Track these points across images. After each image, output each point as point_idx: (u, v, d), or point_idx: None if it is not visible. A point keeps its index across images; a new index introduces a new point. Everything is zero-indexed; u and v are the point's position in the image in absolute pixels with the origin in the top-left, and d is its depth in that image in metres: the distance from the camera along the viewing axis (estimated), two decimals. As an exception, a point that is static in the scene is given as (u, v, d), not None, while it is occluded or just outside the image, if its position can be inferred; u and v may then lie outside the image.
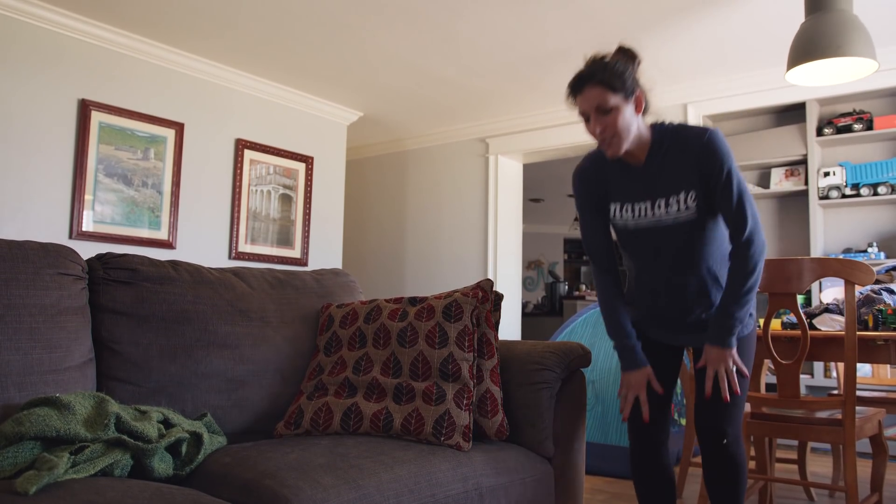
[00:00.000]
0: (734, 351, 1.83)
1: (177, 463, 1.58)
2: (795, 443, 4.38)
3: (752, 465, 3.24)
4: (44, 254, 1.78)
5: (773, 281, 2.51)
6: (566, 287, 9.66)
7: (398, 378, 1.90)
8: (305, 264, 5.12)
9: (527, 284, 10.78)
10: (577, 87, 1.76)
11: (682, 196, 1.79)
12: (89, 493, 1.23)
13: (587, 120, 1.77)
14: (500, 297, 2.07)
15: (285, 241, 4.97)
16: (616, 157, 1.80)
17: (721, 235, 1.88)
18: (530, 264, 10.93)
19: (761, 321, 2.63)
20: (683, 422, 3.85)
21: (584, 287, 9.87)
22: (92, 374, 1.79)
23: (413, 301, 2.03)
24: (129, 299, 1.89)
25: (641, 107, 1.79)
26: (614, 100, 1.72)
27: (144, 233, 4.21)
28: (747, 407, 2.69)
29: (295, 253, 5.00)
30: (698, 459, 3.31)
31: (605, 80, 1.72)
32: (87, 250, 3.49)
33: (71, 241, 3.88)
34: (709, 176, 1.76)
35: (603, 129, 1.74)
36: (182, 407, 1.86)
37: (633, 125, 1.77)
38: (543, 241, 10.89)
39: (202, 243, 4.50)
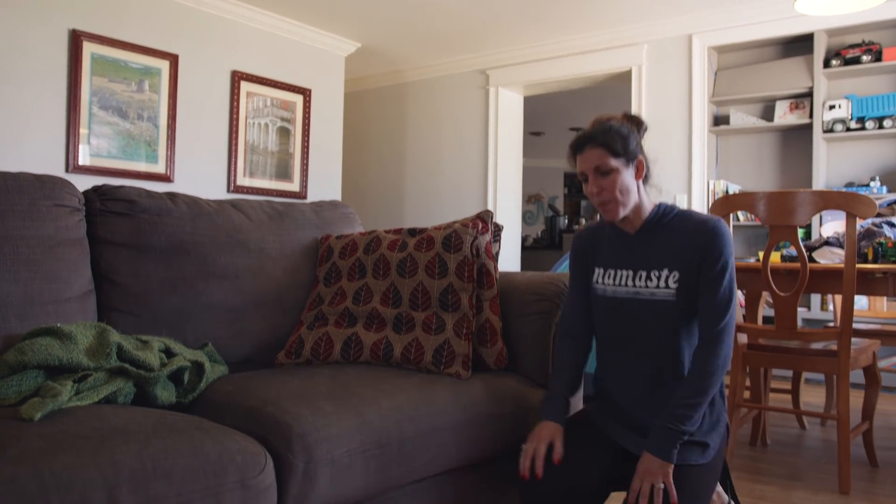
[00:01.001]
0: (671, 469, 1.53)
1: (179, 391, 1.60)
2: (790, 374, 4.45)
3: (746, 394, 3.29)
4: (39, 185, 1.76)
5: (774, 213, 2.50)
6: (566, 221, 9.66)
7: (398, 308, 1.91)
8: (304, 198, 5.10)
9: (526, 218, 10.78)
10: (579, 146, 1.70)
11: (664, 273, 1.65)
12: (94, 420, 1.24)
13: (585, 180, 1.69)
14: (499, 228, 2.06)
15: (284, 174, 4.94)
16: (613, 222, 1.72)
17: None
18: (530, 198, 10.90)
19: (761, 255, 2.63)
20: None
21: (583, 221, 9.87)
22: (92, 306, 1.80)
23: (412, 232, 2.02)
24: (127, 231, 1.88)
25: (642, 173, 1.71)
26: (614, 162, 1.65)
27: (142, 166, 4.18)
28: (743, 338, 2.72)
29: (294, 186, 4.97)
30: None
31: (606, 142, 1.66)
32: (84, 184, 3.46)
33: (68, 175, 3.85)
34: (702, 261, 1.62)
35: (600, 191, 1.66)
36: (183, 337, 1.87)
37: (633, 191, 1.68)
38: (543, 176, 10.84)
39: (200, 177, 4.47)
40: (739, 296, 3.02)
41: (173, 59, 4.31)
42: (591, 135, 1.68)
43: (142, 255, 1.87)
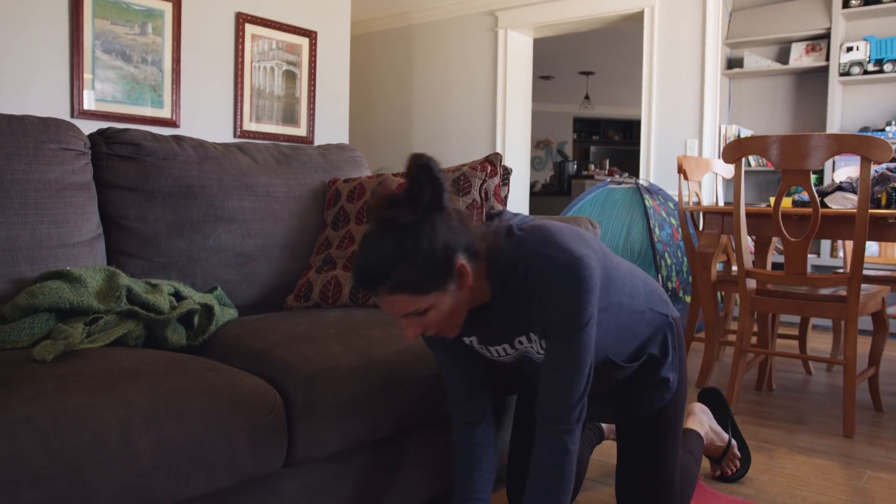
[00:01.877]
0: None
1: (189, 334, 1.61)
2: (797, 320, 4.45)
3: (753, 339, 3.31)
4: (44, 128, 1.75)
5: (787, 157, 2.47)
6: (575, 166, 9.59)
7: (406, 253, 1.91)
8: (311, 142, 5.06)
9: (535, 164, 10.71)
10: (367, 288, 1.21)
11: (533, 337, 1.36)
12: (105, 361, 1.26)
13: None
14: (508, 171, 2.04)
15: (290, 119, 4.89)
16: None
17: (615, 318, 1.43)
18: (539, 144, 10.81)
19: (772, 200, 2.61)
20: (688, 299, 3.90)
21: (592, 167, 9.80)
22: (101, 250, 1.80)
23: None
24: (134, 175, 1.87)
25: (468, 280, 1.24)
26: (427, 300, 1.21)
27: (147, 111, 4.14)
28: (752, 283, 2.71)
29: (300, 131, 4.93)
30: (702, 335, 3.38)
31: (402, 286, 1.18)
32: (90, 129, 3.44)
33: (73, 121, 3.81)
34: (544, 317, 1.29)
35: (424, 329, 1.26)
36: (192, 281, 1.88)
37: (463, 306, 1.28)
38: (552, 121, 10.72)
39: (206, 122, 4.43)
40: (749, 242, 3.00)
41: (176, 1, 4.23)
42: (377, 275, 1.18)
43: (149, 199, 1.87)
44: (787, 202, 2.98)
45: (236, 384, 1.29)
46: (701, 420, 1.97)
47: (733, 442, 2.01)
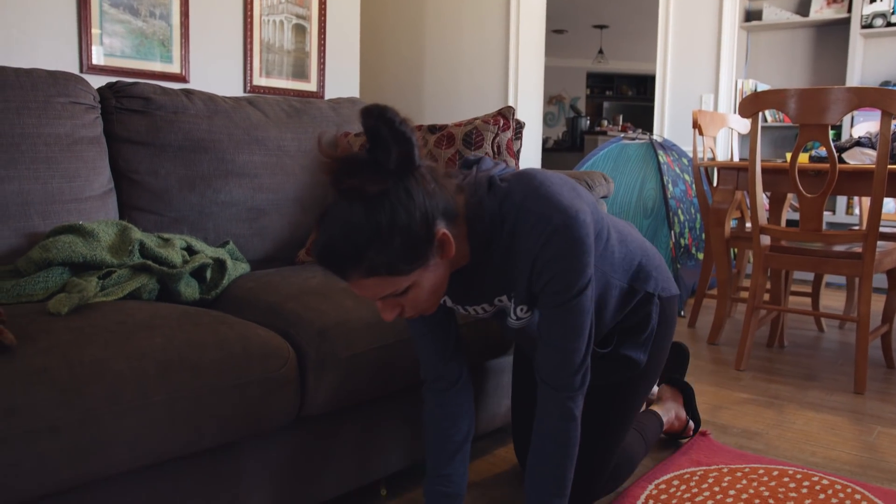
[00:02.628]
0: None
1: (202, 288, 1.62)
2: (811, 277, 4.43)
3: (766, 297, 3.30)
4: (53, 82, 1.73)
5: (806, 111, 2.42)
6: (587, 122, 9.48)
7: (417, 208, 1.90)
8: (322, 97, 5.00)
9: (547, 120, 10.60)
10: (336, 272, 1.07)
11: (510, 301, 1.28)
12: (119, 314, 1.26)
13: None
14: (521, 124, 2.01)
15: (300, 73, 4.84)
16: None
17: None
18: (551, 99, 10.68)
19: (788, 156, 2.57)
20: (701, 256, 3.88)
21: (605, 122, 9.68)
22: (113, 204, 1.80)
23: (433, 129, 1.98)
24: (144, 129, 1.86)
25: (450, 249, 1.10)
26: (407, 280, 1.08)
27: (156, 66, 4.10)
28: (766, 240, 2.69)
29: (311, 86, 4.88)
30: (714, 292, 3.36)
31: (378, 268, 1.04)
32: (99, 85, 3.43)
33: (82, 76, 3.79)
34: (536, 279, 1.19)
35: (402, 311, 1.15)
36: (204, 236, 1.88)
37: (444, 279, 1.15)
38: (565, 75, 10.56)
39: (216, 77, 4.39)
40: (763, 199, 2.97)
41: (184, -48, 4.15)
42: (339, 262, 1.04)
43: (160, 153, 1.86)
44: (803, 158, 2.94)
45: (249, 337, 1.29)
46: (668, 407, 1.88)
47: (690, 424, 1.95)
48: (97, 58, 3.88)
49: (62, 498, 1.10)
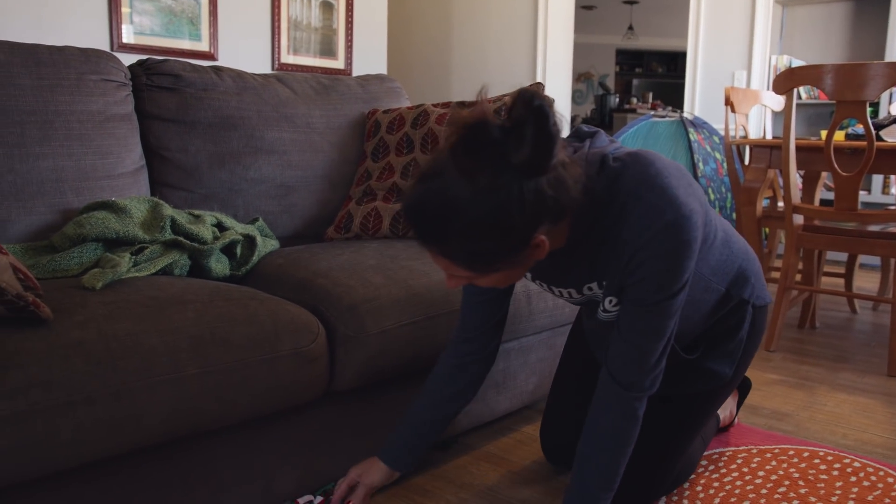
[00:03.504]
0: None
1: (232, 264, 1.63)
2: (844, 258, 4.35)
3: (798, 277, 3.25)
4: (84, 59, 1.75)
5: (843, 87, 2.36)
6: (616, 100, 9.35)
7: (446, 185, 1.89)
8: (349, 75, 4.99)
9: (575, 98, 10.47)
10: (412, 230, 1.03)
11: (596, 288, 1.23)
12: (152, 289, 1.28)
13: None
14: (550, 101, 1.99)
15: (328, 51, 4.84)
16: None
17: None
18: (579, 77, 10.54)
19: (823, 134, 2.51)
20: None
21: (635, 100, 9.55)
22: (145, 181, 1.82)
23: (462, 105, 1.97)
24: (174, 106, 1.87)
25: (541, 254, 1.04)
26: (479, 278, 1.06)
27: (185, 44, 4.12)
28: (799, 219, 2.64)
29: (338, 63, 4.87)
30: None
31: (457, 258, 1.01)
32: (129, 63, 3.45)
33: (113, 54, 3.82)
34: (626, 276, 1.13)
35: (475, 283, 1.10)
36: (234, 213, 1.89)
37: (527, 268, 1.11)
38: (594, 52, 10.41)
39: (244, 55, 4.41)
40: (797, 178, 2.91)
41: (212, -71, 4.15)
42: (422, 228, 1.00)
43: (190, 130, 1.87)
44: (839, 135, 2.88)
45: (279, 312, 1.30)
46: (726, 405, 1.81)
47: (735, 421, 1.88)
48: (127, 36, 3.91)
49: (97, 468, 1.13)
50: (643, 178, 1.07)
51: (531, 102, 0.92)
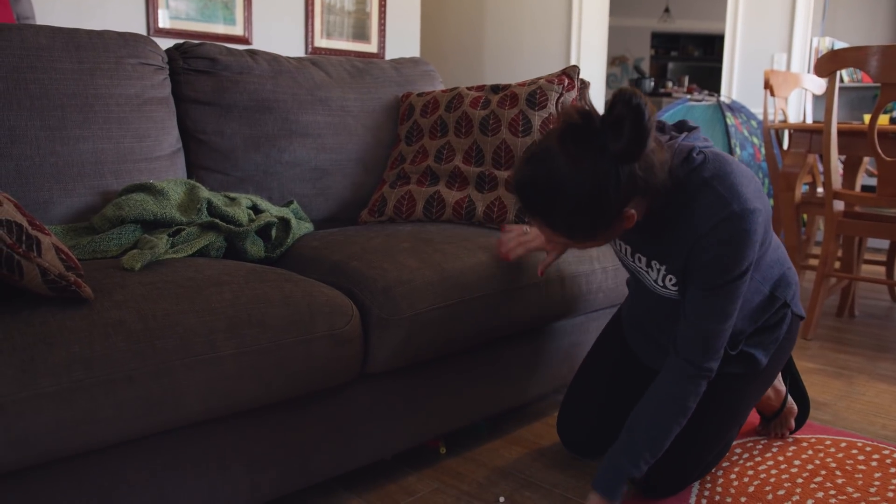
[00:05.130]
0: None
1: (267, 246, 1.65)
2: (885, 245, 4.25)
3: (837, 264, 3.19)
4: (123, 43, 1.77)
5: (889, 70, 2.31)
6: (652, 83, 9.23)
7: (480, 167, 1.88)
8: (383, 58, 4.98)
9: (609, 82, 10.33)
10: (520, 201, 1.22)
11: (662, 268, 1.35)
12: (189, 271, 1.29)
13: None
14: (585, 84, 1.97)
15: (361, 34, 4.83)
16: None
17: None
18: (614, 60, 10.39)
19: (865, 118, 2.45)
20: None
21: (670, 84, 9.41)
22: (182, 164, 1.84)
23: (496, 88, 1.95)
24: (210, 89, 1.88)
25: (630, 223, 1.20)
26: (576, 244, 1.27)
27: (220, 28, 4.15)
28: (839, 205, 2.59)
29: (371, 47, 4.87)
30: None
31: (558, 227, 1.18)
32: (165, 47, 3.48)
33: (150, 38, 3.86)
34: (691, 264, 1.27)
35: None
36: (269, 195, 1.91)
37: (615, 236, 1.26)
38: (629, 35, 10.26)
39: (278, 39, 4.43)
40: (838, 163, 2.85)
41: (246, -87, 4.16)
42: (529, 201, 1.18)
43: (226, 114, 1.88)
44: (883, 119, 2.81)
45: (314, 294, 1.31)
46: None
47: (790, 401, 1.77)
48: (163, 21, 3.95)
49: (137, 446, 1.15)
50: (718, 172, 1.21)
51: (630, 101, 1.07)
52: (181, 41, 3.96)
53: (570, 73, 1.92)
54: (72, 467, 1.09)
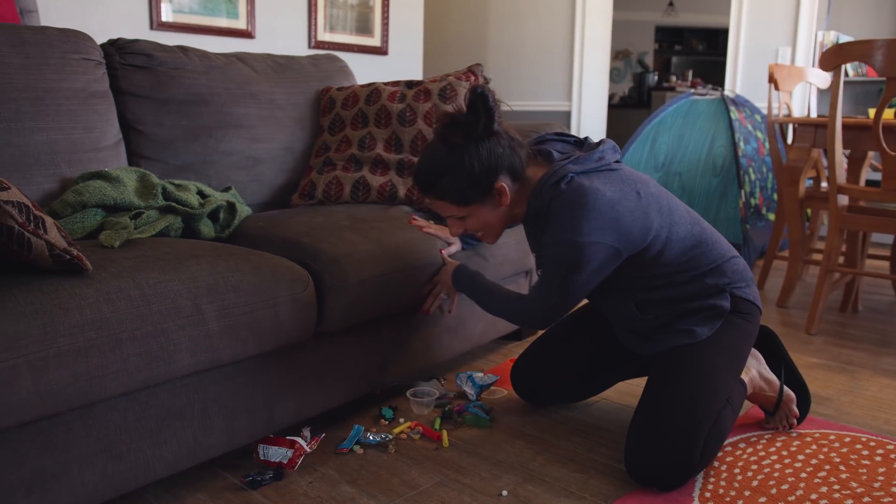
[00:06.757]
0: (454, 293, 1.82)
1: (216, 227, 1.82)
2: (889, 240, 4.20)
3: (840, 259, 3.18)
4: (65, 39, 1.87)
5: (893, 64, 2.25)
6: (655, 78, 9.01)
7: (400, 154, 2.12)
8: (385, 53, 4.88)
9: (613, 76, 9.71)
10: (420, 190, 1.57)
11: None
12: (164, 247, 1.46)
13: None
14: (487, 80, 2.25)
15: (364, 28, 4.77)
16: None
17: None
18: (617, 54, 9.86)
19: (871, 112, 2.37)
20: (772, 216, 3.88)
21: (674, 78, 9.20)
22: (124, 153, 1.97)
23: (410, 84, 2.20)
24: (148, 83, 2.01)
25: (506, 198, 1.53)
26: (464, 210, 1.54)
27: (223, 22, 4.04)
28: (844, 200, 2.55)
29: (375, 41, 4.80)
30: (785, 253, 3.33)
31: (442, 195, 1.53)
32: (168, 41, 3.41)
33: (152, 33, 3.74)
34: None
35: (465, 229, 1.60)
36: (207, 182, 2.07)
37: (500, 220, 1.59)
38: (632, 29, 9.72)
39: (280, 33, 4.32)
40: (842, 158, 2.71)
41: None
42: (422, 182, 1.54)
43: (164, 107, 2.02)
44: (888, 113, 2.75)
45: (276, 265, 1.52)
46: (748, 365, 1.74)
47: (787, 391, 1.76)
48: (166, 15, 3.80)
49: (137, 396, 1.32)
50: (569, 204, 1.45)
51: (477, 90, 1.44)
52: (183, 37, 3.82)
53: (475, 70, 2.19)
54: (84, 416, 1.25)
